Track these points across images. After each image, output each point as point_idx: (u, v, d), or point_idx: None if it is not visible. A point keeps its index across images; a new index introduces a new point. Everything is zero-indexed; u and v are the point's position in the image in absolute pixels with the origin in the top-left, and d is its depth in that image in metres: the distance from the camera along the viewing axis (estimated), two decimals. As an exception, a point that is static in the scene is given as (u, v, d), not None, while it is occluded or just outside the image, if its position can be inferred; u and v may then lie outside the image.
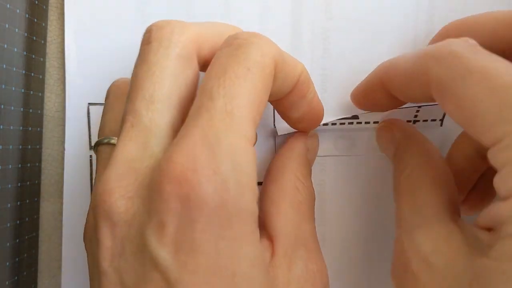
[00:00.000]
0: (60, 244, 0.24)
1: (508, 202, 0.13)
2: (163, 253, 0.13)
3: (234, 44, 0.16)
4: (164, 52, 0.16)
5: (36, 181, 0.23)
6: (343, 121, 0.23)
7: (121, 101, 0.19)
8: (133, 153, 0.15)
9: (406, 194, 0.18)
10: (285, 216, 0.18)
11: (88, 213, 0.17)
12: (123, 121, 0.16)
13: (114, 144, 0.19)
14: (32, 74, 0.22)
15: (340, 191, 0.24)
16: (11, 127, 0.21)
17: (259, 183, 0.23)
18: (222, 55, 0.16)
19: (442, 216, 0.16)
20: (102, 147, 0.19)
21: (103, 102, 0.23)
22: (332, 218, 0.24)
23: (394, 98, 0.19)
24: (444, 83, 0.15)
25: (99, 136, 0.20)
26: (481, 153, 0.21)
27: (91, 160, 0.23)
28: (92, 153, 0.23)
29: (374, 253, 0.24)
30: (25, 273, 0.23)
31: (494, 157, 0.13)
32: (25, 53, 0.22)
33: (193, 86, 0.17)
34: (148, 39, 0.17)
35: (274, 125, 0.23)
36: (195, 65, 0.17)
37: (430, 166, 0.18)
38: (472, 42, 0.15)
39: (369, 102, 0.21)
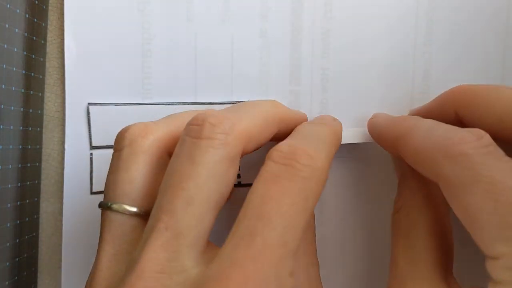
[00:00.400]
0: (60, 244, 0.24)
1: None
2: None
3: (291, 164, 0.15)
4: (214, 154, 0.16)
5: (36, 181, 0.23)
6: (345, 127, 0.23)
7: (138, 162, 0.18)
8: (163, 264, 0.14)
9: (402, 235, 0.18)
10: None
11: None
12: (155, 219, 0.15)
13: (127, 214, 0.17)
14: (32, 74, 0.22)
15: (339, 192, 0.24)
16: (11, 127, 0.21)
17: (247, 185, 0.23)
18: (279, 174, 0.15)
19: (435, 274, 0.16)
20: (112, 214, 0.17)
21: (103, 102, 0.23)
22: (332, 219, 0.24)
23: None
24: (452, 185, 0.15)
25: (108, 196, 0.18)
26: None
27: (91, 159, 0.23)
28: (93, 152, 0.23)
29: (374, 254, 0.24)
30: (25, 273, 0.23)
31: (490, 268, 0.14)
32: (25, 53, 0.22)
33: (232, 183, 0.17)
34: (198, 133, 0.16)
35: None
36: (238, 163, 0.17)
37: (429, 211, 0.18)
38: (486, 141, 0.15)
39: (382, 145, 0.21)
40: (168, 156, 0.18)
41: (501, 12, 0.23)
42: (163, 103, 0.23)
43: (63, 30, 0.23)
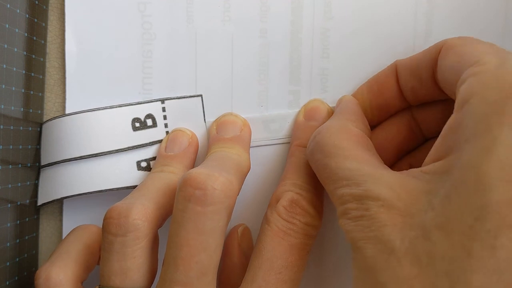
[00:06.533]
0: (60, 244, 0.24)
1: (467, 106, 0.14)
2: None
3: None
4: (219, 219, 0.17)
5: (36, 181, 0.23)
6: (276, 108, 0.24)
7: (143, 247, 0.18)
8: None
9: (331, 154, 0.17)
10: None
11: None
12: None
13: None
14: (32, 74, 0.22)
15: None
16: (11, 127, 0.21)
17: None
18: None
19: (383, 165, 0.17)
20: None
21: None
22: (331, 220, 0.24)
23: (400, 93, 0.21)
24: (455, 40, 0.18)
25: (115, 284, 0.18)
26: None
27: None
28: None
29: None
30: (25, 273, 0.23)
31: (465, 75, 0.15)
32: (25, 53, 0.22)
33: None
34: (202, 200, 0.17)
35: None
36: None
37: (352, 131, 0.18)
38: None
39: (377, 94, 0.22)
40: (157, 229, 0.19)
41: (499, 12, 0.23)
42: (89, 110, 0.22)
43: (63, 30, 0.23)
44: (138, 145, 0.23)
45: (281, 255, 0.18)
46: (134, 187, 0.22)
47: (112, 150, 0.22)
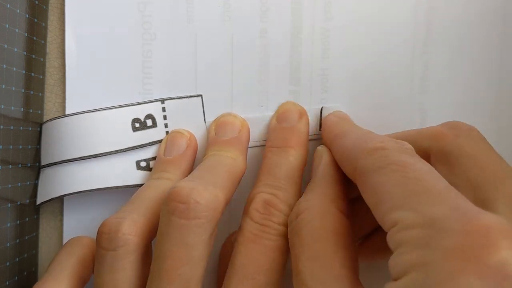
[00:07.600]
0: (60, 244, 0.24)
1: (396, 284, 0.12)
2: None
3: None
4: (203, 233, 0.17)
5: (36, 181, 0.23)
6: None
7: (133, 261, 0.18)
8: None
9: (305, 244, 0.16)
10: None
11: None
12: None
13: None
14: (32, 74, 0.22)
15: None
16: (11, 127, 0.21)
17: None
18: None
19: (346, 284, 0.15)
20: None
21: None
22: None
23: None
24: (366, 171, 0.15)
25: None
26: None
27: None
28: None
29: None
30: (25, 273, 0.23)
31: (389, 239, 0.13)
32: (25, 53, 0.22)
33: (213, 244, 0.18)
34: (185, 213, 0.17)
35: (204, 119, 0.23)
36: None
37: (334, 218, 0.17)
38: (406, 145, 0.16)
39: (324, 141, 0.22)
40: (149, 241, 0.19)
41: (498, 14, 0.23)
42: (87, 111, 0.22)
43: (63, 30, 0.23)
44: (138, 146, 0.23)
45: (253, 261, 0.17)
46: (134, 186, 0.22)
47: (112, 151, 0.22)
